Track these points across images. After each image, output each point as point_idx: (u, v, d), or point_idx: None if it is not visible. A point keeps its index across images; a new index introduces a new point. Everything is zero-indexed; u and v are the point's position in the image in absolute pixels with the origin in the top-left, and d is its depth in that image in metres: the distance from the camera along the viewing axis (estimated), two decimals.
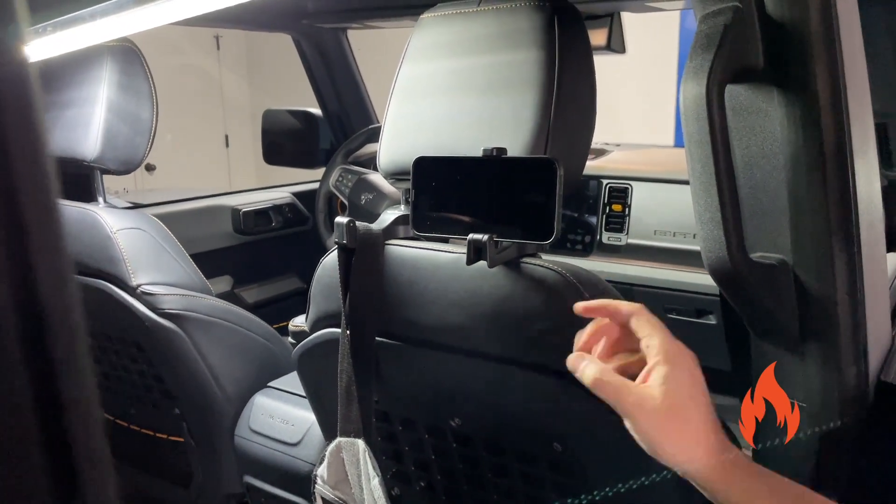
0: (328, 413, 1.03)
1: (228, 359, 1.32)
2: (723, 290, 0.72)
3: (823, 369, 0.70)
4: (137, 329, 1.28)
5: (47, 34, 1.08)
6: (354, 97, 2.17)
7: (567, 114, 0.79)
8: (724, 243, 0.66)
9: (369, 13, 1.82)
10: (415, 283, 0.83)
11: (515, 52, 0.79)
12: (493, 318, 0.78)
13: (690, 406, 0.57)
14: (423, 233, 0.80)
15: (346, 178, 1.82)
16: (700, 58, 0.65)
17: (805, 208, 0.67)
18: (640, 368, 0.60)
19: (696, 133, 0.66)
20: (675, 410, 0.57)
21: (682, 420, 0.57)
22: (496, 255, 0.74)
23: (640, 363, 0.61)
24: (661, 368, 0.58)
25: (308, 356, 0.97)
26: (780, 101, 0.66)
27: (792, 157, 0.66)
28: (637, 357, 0.62)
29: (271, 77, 5.11)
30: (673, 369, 0.58)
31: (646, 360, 0.59)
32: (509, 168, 0.75)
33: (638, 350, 0.61)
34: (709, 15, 0.68)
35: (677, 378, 0.57)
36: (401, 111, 0.89)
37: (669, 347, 0.59)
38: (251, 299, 2.09)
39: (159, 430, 1.46)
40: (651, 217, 1.58)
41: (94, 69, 1.35)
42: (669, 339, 0.60)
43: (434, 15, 0.88)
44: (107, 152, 1.34)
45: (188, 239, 1.55)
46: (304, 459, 1.22)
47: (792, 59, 0.65)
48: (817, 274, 0.68)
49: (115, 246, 1.25)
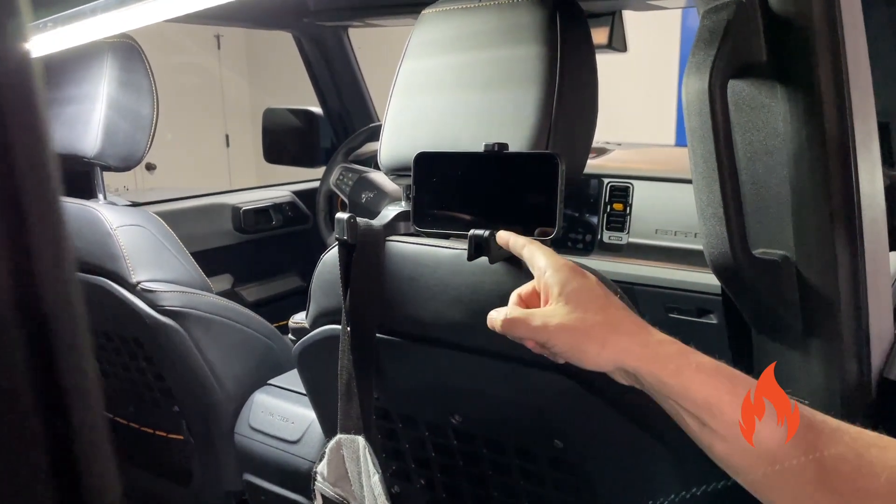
0: (328, 410, 1.03)
1: (228, 356, 1.32)
2: (725, 286, 0.71)
3: (826, 366, 0.70)
4: (137, 326, 1.28)
5: (48, 30, 1.08)
6: (355, 96, 2.17)
7: (569, 110, 0.78)
8: (726, 239, 0.66)
9: (371, 11, 1.81)
10: (415, 279, 0.83)
11: (517, 48, 0.79)
12: None
13: (594, 306, 0.58)
14: (423, 229, 0.80)
15: (346, 177, 1.82)
16: (703, 53, 0.65)
17: (808, 204, 0.66)
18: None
19: (699, 128, 0.65)
20: (581, 314, 0.57)
21: (591, 320, 0.57)
22: (497, 250, 0.74)
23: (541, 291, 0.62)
24: (554, 285, 0.59)
25: (308, 353, 0.97)
26: (782, 96, 0.66)
27: (795, 153, 0.66)
28: (533, 287, 0.63)
29: (272, 77, 5.11)
30: (565, 280, 0.59)
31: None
32: (511, 163, 0.74)
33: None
34: (711, 10, 0.68)
35: (572, 285, 0.59)
36: (402, 107, 0.88)
37: (554, 261, 0.61)
38: (251, 298, 2.09)
39: (159, 427, 1.45)
40: (652, 216, 1.58)
41: (94, 65, 1.35)
42: (555, 257, 0.62)
43: (435, 10, 0.88)
44: (107, 149, 1.34)
45: (189, 237, 1.55)
46: (303, 457, 1.22)
47: (795, 54, 0.65)
48: (820, 270, 0.67)
49: (115, 243, 1.25)
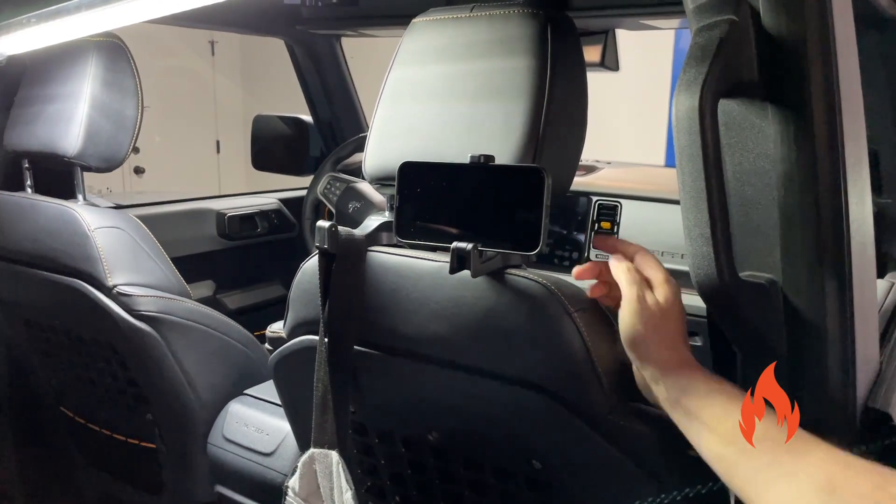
0: (303, 423, 1.01)
1: (204, 364, 1.29)
2: (710, 308, 0.70)
3: (813, 393, 0.68)
4: (112, 330, 1.25)
5: (31, 25, 1.06)
6: (346, 105, 2.15)
7: (558, 124, 0.77)
8: (712, 260, 0.64)
9: (364, 21, 1.81)
10: (396, 291, 0.81)
11: (507, 60, 0.78)
12: (475, 330, 0.76)
13: (647, 330, 0.69)
14: (406, 240, 0.79)
15: (334, 186, 1.80)
16: (694, 70, 0.64)
17: (796, 228, 0.65)
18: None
19: (688, 146, 0.64)
20: (634, 337, 0.69)
21: (642, 343, 0.69)
22: (480, 264, 0.72)
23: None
24: (624, 305, 0.70)
25: (284, 363, 0.95)
26: (774, 117, 0.65)
27: (784, 175, 0.65)
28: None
29: (265, 85, 5.10)
30: (632, 304, 0.70)
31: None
32: (496, 176, 0.73)
33: None
34: (704, 28, 0.67)
35: (635, 309, 0.70)
36: (389, 115, 0.87)
37: (633, 284, 0.72)
38: (233, 305, 2.06)
39: (131, 435, 1.42)
40: (640, 236, 1.57)
41: (78, 64, 1.32)
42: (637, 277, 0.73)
43: (426, 19, 0.86)
44: (88, 149, 1.32)
45: (172, 242, 1.52)
46: (277, 470, 1.20)
47: (787, 75, 0.64)
48: (807, 295, 0.66)
49: (92, 244, 1.22)
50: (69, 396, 1.54)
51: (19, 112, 1.42)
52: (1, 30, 1.08)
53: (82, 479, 1.62)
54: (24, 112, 1.41)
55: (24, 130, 1.39)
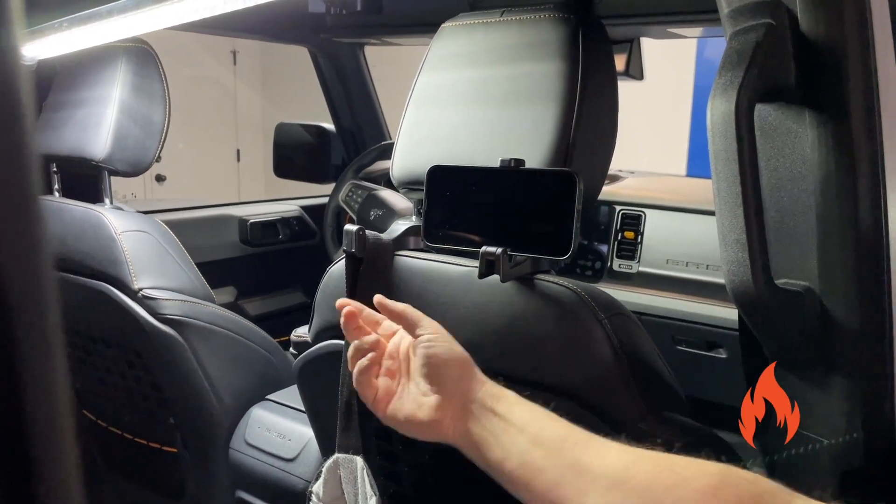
0: (327, 429, 1.00)
1: (227, 369, 1.29)
2: (744, 316, 0.69)
3: (848, 405, 0.67)
4: (136, 334, 1.25)
5: (63, 30, 1.07)
6: (368, 113, 2.16)
7: (589, 129, 0.76)
8: (748, 266, 0.63)
9: (387, 29, 1.81)
10: (423, 295, 0.80)
11: (538, 64, 0.78)
12: (503, 335, 0.75)
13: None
14: (434, 244, 0.78)
15: (356, 194, 1.80)
16: (730, 74, 0.63)
17: (834, 234, 0.64)
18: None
19: (724, 151, 0.63)
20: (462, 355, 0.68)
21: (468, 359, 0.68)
22: (509, 269, 0.72)
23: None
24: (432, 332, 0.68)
25: (309, 368, 0.94)
26: (811, 122, 0.64)
27: (822, 181, 0.64)
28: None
29: (285, 95, 5.14)
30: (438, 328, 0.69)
31: None
32: (527, 180, 0.72)
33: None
34: (740, 32, 0.66)
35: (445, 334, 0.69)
36: (417, 120, 0.87)
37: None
38: (254, 311, 2.06)
39: (153, 439, 1.42)
40: (664, 246, 1.55)
41: (108, 69, 1.34)
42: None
43: (455, 24, 0.86)
44: (116, 153, 1.33)
45: (194, 248, 1.53)
46: (299, 476, 1.19)
47: (825, 78, 0.63)
48: (844, 304, 0.65)
49: (118, 248, 1.23)
50: (91, 400, 1.54)
51: (48, 116, 1.44)
52: (33, 34, 1.09)
53: (102, 482, 1.63)
54: (52, 116, 1.43)
55: (52, 135, 1.41)
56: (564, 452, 0.59)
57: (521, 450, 0.61)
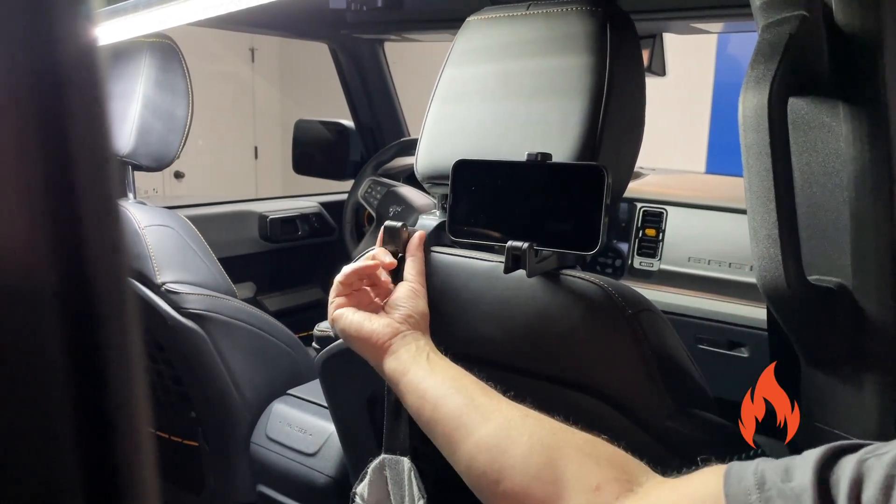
0: (348, 424, 1.00)
1: (249, 363, 1.29)
2: (776, 312, 0.68)
3: (880, 403, 0.65)
4: (159, 328, 1.26)
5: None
6: (388, 110, 2.16)
7: (616, 124, 0.76)
8: (780, 262, 0.62)
9: (408, 25, 1.81)
10: (446, 291, 0.80)
11: (565, 57, 0.77)
12: (529, 331, 0.74)
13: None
14: (459, 239, 0.78)
15: (375, 190, 1.80)
16: (762, 66, 0.62)
17: (868, 229, 0.63)
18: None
19: (756, 145, 0.62)
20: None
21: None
22: (535, 264, 0.71)
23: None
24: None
25: (332, 362, 0.94)
26: (845, 115, 0.63)
27: (856, 176, 0.63)
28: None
29: (303, 93, 5.14)
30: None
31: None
32: (554, 174, 0.72)
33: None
34: (772, 23, 0.65)
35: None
36: (442, 114, 0.86)
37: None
38: (273, 307, 2.07)
39: (174, 433, 1.43)
40: (686, 243, 1.54)
41: (132, 64, 1.35)
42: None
43: (481, 17, 0.86)
44: (140, 148, 1.34)
45: (214, 243, 1.53)
46: (320, 471, 1.19)
47: (861, 71, 0.62)
48: (878, 300, 0.64)
49: (142, 242, 1.24)
50: None
51: None
52: None
53: None
54: None
55: None
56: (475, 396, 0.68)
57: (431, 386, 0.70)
